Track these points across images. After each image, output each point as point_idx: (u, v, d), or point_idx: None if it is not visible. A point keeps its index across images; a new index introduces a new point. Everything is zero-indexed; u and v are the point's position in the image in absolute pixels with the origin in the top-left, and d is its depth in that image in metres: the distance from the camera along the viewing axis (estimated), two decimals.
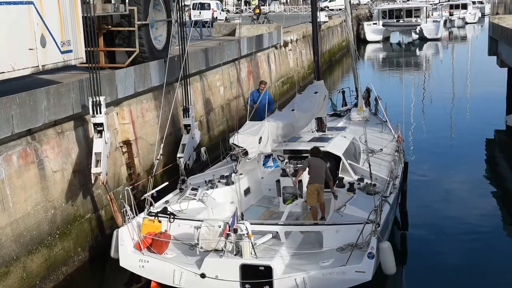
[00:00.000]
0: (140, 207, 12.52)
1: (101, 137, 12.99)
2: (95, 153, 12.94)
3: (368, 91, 21.49)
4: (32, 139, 12.11)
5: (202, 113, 20.29)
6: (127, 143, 15.41)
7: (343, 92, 21.92)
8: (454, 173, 19.21)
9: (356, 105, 21.46)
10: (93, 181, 13.16)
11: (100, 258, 13.42)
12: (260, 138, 13.48)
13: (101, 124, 12.97)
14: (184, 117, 16.76)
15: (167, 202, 13.44)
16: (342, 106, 21.74)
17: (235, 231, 11.15)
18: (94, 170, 12.89)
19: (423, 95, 33.53)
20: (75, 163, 13.21)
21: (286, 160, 14.70)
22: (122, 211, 12.23)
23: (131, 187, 12.67)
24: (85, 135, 13.59)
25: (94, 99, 12.93)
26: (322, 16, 46.06)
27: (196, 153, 16.59)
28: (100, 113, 12.96)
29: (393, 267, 11.06)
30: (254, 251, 11.20)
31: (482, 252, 13.54)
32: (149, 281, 11.93)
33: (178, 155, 16.13)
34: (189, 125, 16.65)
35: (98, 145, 12.96)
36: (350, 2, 24.38)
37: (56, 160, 12.69)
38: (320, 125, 17.21)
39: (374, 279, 10.78)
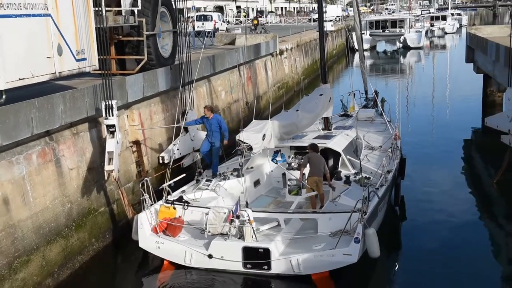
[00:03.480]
0: (154, 196, 12.72)
1: (113, 137, 13.07)
2: (107, 152, 13.01)
3: (376, 93, 21.58)
4: (50, 140, 12.14)
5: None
6: (136, 143, 15.44)
7: (354, 94, 21.96)
8: (438, 168, 19.28)
9: (364, 106, 21.61)
10: (106, 178, 13.24)
11: (113, 247, 13.54)
12: (264, 135, 13.79)
13: (113, 126, 13.06)
14: (181, 120, 16.65)
15: (183, 191, 13.86)
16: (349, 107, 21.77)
17: (238, 217, 11.56)
18: (107, 167, 12.99)
19: (407, 98, 33.53)
20: (89, 161, 13.25)
21: (292, 155, 15.12)
22: (141, 199, 12.55)
23: (149, 178, 12.81)
24: (99, 135, 13.62)
25: (107, 103, 13.03)
26: (328, 26, 46.27)
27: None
28: (112, 115, 13.04)
29: (377, 251, 11.27)
30: (255, 235, 11.64)
31: (461, 239, 13.62)
32: (161, 261, 12.26)
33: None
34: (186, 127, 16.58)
35: (111, 144, 13.03)
36: (359, 12, 24.52)
37: (72, 158, 12.72)
38: (326, 124, 17.46)
39: (361, 262, 11.05)
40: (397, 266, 12.56)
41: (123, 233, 13.77)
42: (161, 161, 16.02)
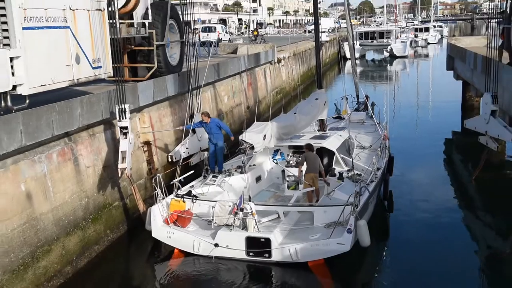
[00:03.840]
0: (165, 191, 12.78)
1: (126, 138, 13.07)
2: (121, 151, 13.01)
3: (367, 98, 21.60)
4: (69, 140, 12.16)
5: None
6: (147, 143, 15.44)
7: (346, 99, 21.98)
8: (422, 166, 19.28)
9: (356, 109, 21.62)
10: (119, 175, 13.23)
11: (126, 238, 13.52)
12: (265, 136, 13.88)
13: (126, 127, 13.06)
14: (189, 122, 16.66)
15: (192, 186, 13.89)
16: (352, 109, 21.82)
17: (242, 210, 11.64)
18: (120, 165, 13.00)
19: (394, 102, 33.53)
20: (105, 160, 13.26)
21: (290, 154, 15.18)
22: (154, 193, 12.61)
23: (160, 174, 12.83)
24: (113, 136, 13.62)
25: (120, 107, 13.04)
26: (323, 36, 46.25)
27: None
28: (125, 118, 13.05)
29: (368, 241, 11.33)
30: (257, 226, 11.69)
31: (443, 231, 13.66)
32: (172, 250, 12.32)
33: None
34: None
35: (124, 144, 13.03)
36: (352, 27, 24.54)
37: (89, 157, 12.74)
38: (321, 125, 17.55)
39: (353, 250, 11.11)
40: (385, 254, 12.56)
41: (135, 225, 13.77)
42: (169, 160, 16.03)
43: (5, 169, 10.11)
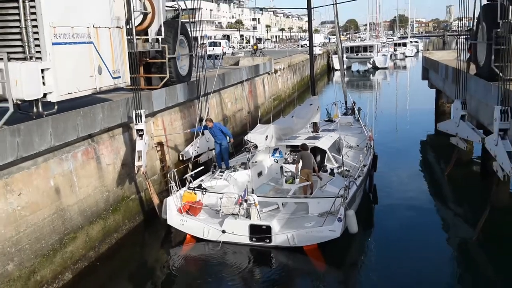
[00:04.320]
0: (179, 184, 12.85)
1: (141, 139, 13.08)
2: (137, 151, 13.01)
3: (354, 103, 21.60)
4: (92, 141, 12.18)
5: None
6: (160, 144, 15.44)
7: (335, 104, 22.05)
8: (402, 163, 19.31)
9: (344, 113, 21.64)
10: (136, 171, 13.24)
11: (142, 227, 13.54)
12: (267, 136, 13.88)
13: (142, 130, 13.07)
14: (199, 125, 16.70)
15: (201, 180, 13.91)
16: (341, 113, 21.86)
17: (246, 201, 11.68)
18: (136, 163, 13.00)
19: (376, 108, 33.56)
20: (123, 158, 13.27)
21: (288, 152, 15.20)
22: (169, 186, 12.70)
23: (174, 170, 12.94)
24: (130, 138, 13.63)
25: (137, 112, 13.06)
26: (316, 50, 46.17)
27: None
28: (141, 122, 13.06)
29: (356, 228, 11.39)
30: (259, 215, 11.75)
31: (420, 219, 13.79)
32: (184, 235, 12.37)
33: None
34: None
35: (140, 145, 13.04)
36: (341, 42, 24.64)
37: (109, 156, 12.76)
38: (315, 127, 17.61)
39: (342, 236, 11.19)
40: (370, 240, 12.61)
41: (150, 216, 13.76)
42: (180, 158, 16.03)
43: (36, 167, 10.16)
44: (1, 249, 8.98)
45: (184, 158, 15.71)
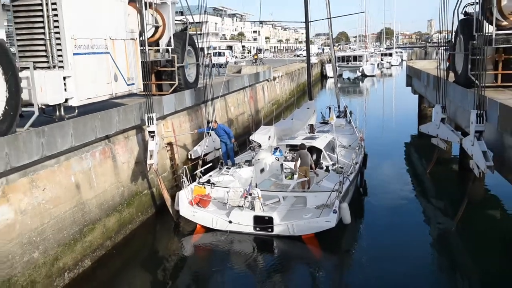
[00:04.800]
0: (190, 179, 12.95)
1: (153, 140, 13.07)
2: (149, 150, 13.01)
3: (346, 107, 21.64)
4: (109, 142, 12.20)
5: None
6: (170, 144, 15.45)
7: (330, 108, 22.08)
8: (389, 162, 19.32)
9: (337, 116, 21.65)
10: (148, 169, 13.23)
11: (154, 219, 13.55)
12: (269, 137, 13.95)
13: (153, 131, 13.07)
14: (206, 127, 16.71)
15: (210, 176, 13.95)
16: (328, 117, 21.87)
17: (250, 194, 11.78)
18: (149, 161, 12.98)
19: (365, 111, 33.56)
20: (136, 157, 13.29)
21: (287, 151, 15.23)
22: (181, 181, 12.78)
23: (186, 167, 13.02)
24: (143, 138, 13.65)
25: (149, 115, 13.06)
26: (312, 59, 46.09)
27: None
28: (153, 124, 13.07)
29: (349, 219, 11.49)
30: (262, 207, 11.81)
31: (404, 210, 13.91)
32: (195, 225, 12.40)
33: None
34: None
35: (151, 145, 13.04)
36: (334, 52, 24.69)
37: (124, 155, 12.78)
38: (311, 129, 17.65)
39: (337, 226, 11.26)
40: (361, 229, 12.68)
41: (161, 209, 13.79)
42: (189, 157, 15.98)
43: (59, 165, 10.19)
44: (28, 238, 9.02)
45: (193, 157, 15.73)
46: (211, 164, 14.70)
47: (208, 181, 13.27)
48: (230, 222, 11.83)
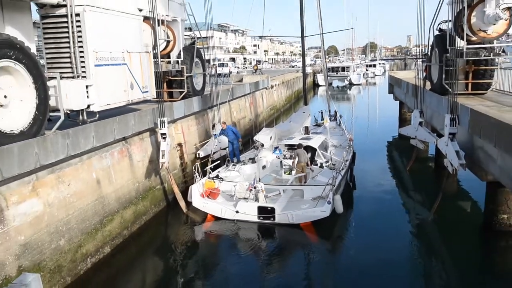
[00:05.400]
0: (201, 175, 13.04)
1: (165, 141, 13.10)
2: (161, 150, 13.05)
3: (335, 112, 21.72)
4: (125, 143, 12.21)
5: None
6: (180, 144, 15.47)
7: (322, 112, 22.13)
8: (374, 160, 19.31)
9: (330, 119, 21.76)
10: (160, 167, 13.25)
11: (165, 211, 13.54)
12: (271, 137, 14.02)
13: (165, 134, 13.10)
14: (212, 129, 16.81)
15: (218, 171, 14.01)
16: (321, 120, 21.99)
17: (255, 187, 11.88)
18: (161, 160, 13.02)
19: (352, 115, 33.49)
20: (150, 156, 13.29)
21: (286, 150, 15.31)
22: (194, 176, 12.91)
23: (198, 163, 13.17)
24: (155, 140, 13.65)
25: (161, 119, 13.09)
26: (308, 69, 46.07)
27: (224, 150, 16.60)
28: (164, 127, 13.10)
29: (341, 209, 11.61)
30: (265, 199, 11.91)
31: (388, 201, 13.97)
32: (205, 215, 12.45)
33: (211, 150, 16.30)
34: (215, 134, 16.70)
35: (163, 145, 13.08)
36: (326, 63, 24.76)
37: (139, 154, 12.79)
38: (306, 130, 17.80)
39: (331, 216, 11.36)
40: (351, 218, 12.75)
41: (172, 202, 13.82)
42: (197, 156, 15.99)
43: (82, 163, 10.21)
44: (55, 228, 9.05)
45: (200, 156, 15.75)
46: (219, 161, 14.76)
47: (217, 176, 13.37)
48: (237, 212, 11.91)
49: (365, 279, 9.21)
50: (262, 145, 14.39)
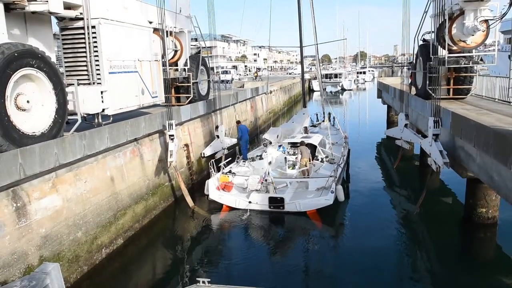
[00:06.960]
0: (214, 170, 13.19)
1: (173, 142, 13.11)
2: (169, 150, 13.05)
3: (329, 114, 21.87)
4: (137, 143, 12.20)
5: (227, 129, 20.44)
6: (186, 145, 15.47)
7: (317, 114, 22.21)
8: (364, 157, 19.37)
9: (323, 121, 21.90)
10: (168, 165, 13.28)
11: (173, 206, 13.52)
12: (278, 135, 14.20)
13: (173, 135, 13.10)
14: (215, 131, 16.91)
15: (231, 167, 14.22)
16: (317, 121, 22.14)
17: (266, 180, 12.10)
18: (169, 159, 13.04)
19: (344, 118, 33.50)
20: (159, 155, 13.28)
21: (289, 147, 15.55)
22: (210, 171, 13.11)
23: (213, 160, 13.40)
24: (164, 141, 13.64)
25: (169, 122, 13.08)
26: (306, 76, 46.08)
27: (227, 149, 16.61)
28: (172, 129, 13.09)
29: (343, 198, 11.89)
30: (275, 190, 12.10)
31: (377, 192, 14.27)
32: (221, 205, 12.58)
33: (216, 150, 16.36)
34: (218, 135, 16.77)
35: (171, 146, 13.09)
36: (320, 70, 24.89)
37: (149, 154, 12.78)
38: (305, 130, 18.08)
39: (334, 204, 11.59)
40: (348, 205, 12.91)
41: (179, 198, 13.80)
42: (202, 156, 16.03)
43: (97, 162, 10.22)
44: (73, 221, 9.07)
45: (204, 155, 15.79)
46: (230, 158, 15.08)
47: (230, 171, 13.57)
48: (250, 202, 12.11)
49: (364, 259, 9.43)
50: (270, 143, 14.71)
